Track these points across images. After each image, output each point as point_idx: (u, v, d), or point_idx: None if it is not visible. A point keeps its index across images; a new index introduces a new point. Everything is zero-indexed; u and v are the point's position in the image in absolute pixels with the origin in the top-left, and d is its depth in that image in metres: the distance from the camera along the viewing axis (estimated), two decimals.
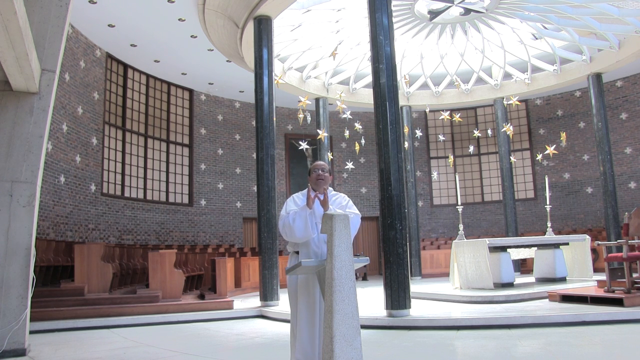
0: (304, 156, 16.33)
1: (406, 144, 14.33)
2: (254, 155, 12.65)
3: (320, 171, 3.45)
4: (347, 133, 13.39)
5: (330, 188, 3.55)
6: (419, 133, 14.48)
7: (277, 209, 8.73)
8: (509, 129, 12.81)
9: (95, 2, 10.11)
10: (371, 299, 8.76)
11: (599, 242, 7.51)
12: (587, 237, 10.08)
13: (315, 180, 3.45)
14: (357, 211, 3.43)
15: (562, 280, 9.48)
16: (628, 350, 4.51)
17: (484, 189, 18.08)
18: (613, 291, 6.56)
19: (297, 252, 3.37)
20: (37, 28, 5.08)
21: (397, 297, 6.44)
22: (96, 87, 12.29)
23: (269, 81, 9.35)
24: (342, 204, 3.46)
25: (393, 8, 9.20)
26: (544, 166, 16.84)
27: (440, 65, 14.59)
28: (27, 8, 4.34)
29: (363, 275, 15.33)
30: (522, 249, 9.94)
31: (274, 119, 9.33)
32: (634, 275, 6.64)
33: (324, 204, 3.25)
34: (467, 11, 11.82)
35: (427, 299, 8.67)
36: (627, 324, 5.63)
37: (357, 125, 12.96)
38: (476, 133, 14.23)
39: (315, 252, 3.29)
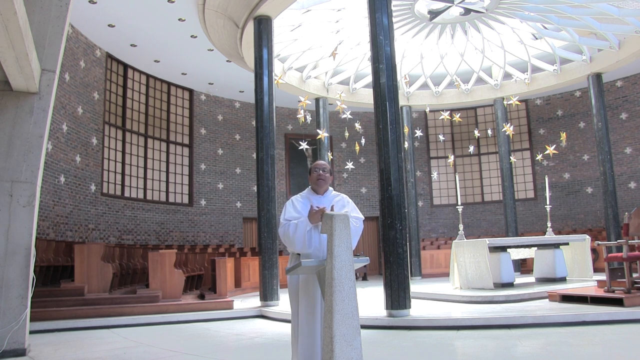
0: (304, 156, 16.34)
1: (406, 144, 14.33)
2: (254, 155, 12.64)
3: (321, 171, 3.39)
4: (347, 133, 13.38)
5: (331, 188, 3.51)
6: (419, 133, 14.47)
7: (277, 209, 8.72)
8: (509, 129, 12.80)
9: (95, 2, 10.11)
10: (371, 299, 8.76)
11: (599, 242, 7.51)
12: (587, 237, 10.07)
13: (316, 181, 3.41)
14: (360, 215, 3.37)
15: (562, 280, 9.48)
16: (628, 350, 4.51)
17: (484, 189, 18.08)
18: (613, 291, 6.56)
19: (299, 253, 3.35)
20: (37, 28, 5.08)
21: (397, 297, 6.44)
22: (96, 87, 12.28)
23: (269, 81, 9.35)
24: (344, 206, 3.38)
25: (393, 8, 9.21)
26: (544, 166, 16.83)
27: (440, 65, 14.58)
28: (27, 8, 4.33)
29: (363, 275, 15.33)
30: (522, 249, 9.94)
31: (274, 119, 9.33)
32: (634, 275, 6.64)
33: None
34: (467, 11, 11.82)
35: (427, 299, 8.67)
36: (627, 324, 5.63)
37: (357, 125, 12.96)
38: (476, 133, 14.23)
39: (316, 253, 3.26)
